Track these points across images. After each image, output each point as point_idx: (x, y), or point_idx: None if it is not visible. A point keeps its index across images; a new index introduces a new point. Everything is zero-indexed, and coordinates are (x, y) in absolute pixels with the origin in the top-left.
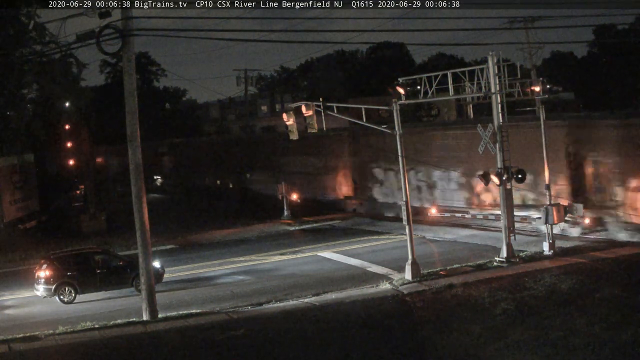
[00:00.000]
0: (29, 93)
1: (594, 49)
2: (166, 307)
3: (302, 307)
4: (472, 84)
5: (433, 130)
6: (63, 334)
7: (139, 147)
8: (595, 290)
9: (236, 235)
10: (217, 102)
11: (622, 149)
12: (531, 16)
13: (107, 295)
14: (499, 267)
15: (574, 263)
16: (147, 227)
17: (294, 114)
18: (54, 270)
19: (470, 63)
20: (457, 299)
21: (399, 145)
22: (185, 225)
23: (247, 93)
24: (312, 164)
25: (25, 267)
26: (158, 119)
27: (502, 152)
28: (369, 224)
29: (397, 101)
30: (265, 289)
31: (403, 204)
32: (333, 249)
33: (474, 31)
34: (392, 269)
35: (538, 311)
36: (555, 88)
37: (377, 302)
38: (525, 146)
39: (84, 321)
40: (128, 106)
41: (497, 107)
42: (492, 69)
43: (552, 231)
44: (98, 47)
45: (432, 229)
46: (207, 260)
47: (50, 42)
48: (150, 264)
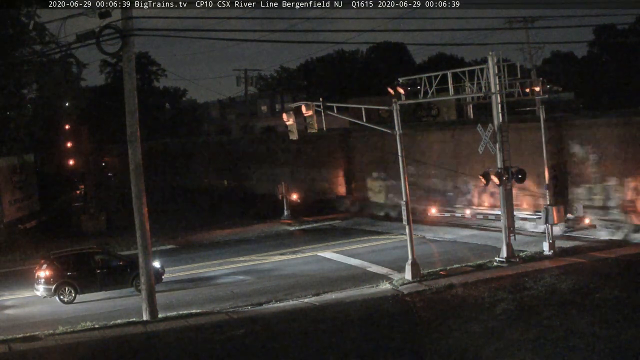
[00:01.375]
0: (29, 93)
1: (594, 49)
2: (166, 307)
3: (302, 307)
4: (472, 84)
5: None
6: (63, 334)
7: (139, 147)
8: (595, 290)
9: (236, 235)
10: (217, 102)
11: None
12: (531, 16)
13: (107, 295)
14: (499, 267)
15: (574, 263)
16: (147, 227)
17: (294, 114)
18: (54, 270)
19: (470, 63)
20: (457, 299)
21: (399, 145)
22: (185, 225)
23: (247, 93)
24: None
25: (25, 267)
26: (158, 119)
27: (502, 152)
28: (369, 224)
29: (397, 101)
30: (265, 289)
31: (403, 204)
32: (333, 249)
33: (474, 31)
34: (392, 269)
35: (538, 311)
36: (555, 88)
37: (377, 302)
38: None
39: (84, 321)
40: (128, 106)
41: (497, 107)
42: (492, 69)
43: (552, 231)
44: (98, 47)
45: (432, 229)
46: (207, 260)
47: (50, 42)
48: (150, 264)
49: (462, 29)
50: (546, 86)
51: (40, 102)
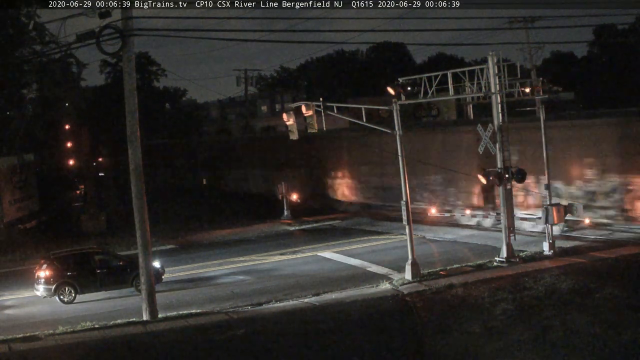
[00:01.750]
0: (29, 93)
1: (594, 49)
2: (166, 307)
3: (302, 307)
4: (472, 84)
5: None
6: (63, 334)
7: (139, 147)
8: (595, 290)
9: (236, 235)
10: (217, 102)
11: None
12: (531, 16)
13: (107, 295)
14: (499, 267)
15: (574, 263)
16: (147, 227)
17: (294, 114)
18: (54, 270)
19: (470, 63)
20: (457, 299)
21: (399, 145)
22: (185, 225)
23: (247, 93)
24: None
25: (25, 267)
26: (158, 119)
27: (502, 152)
28: (369, 224)
29: (397, 101)
30: (265, 289)
31: (403, 204)
32: (333, 249)
33: (474, 31)
34: (392, 269)
35: (538, 311)
36: (555, 88)
37: (377, 302)
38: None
39: (84, 321)
40: (128, 106)
41: (497, 107)
42: (492, 69)
43: (552, 231)
44: (98, 47)
45: (432, 229)
46: (207, 260)
47: (50, 42)
48: (150, 264)
49: (462, 29)
50: (546, 86)
51: (40, 102)
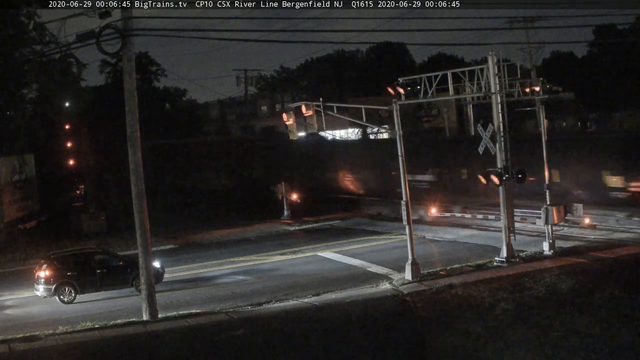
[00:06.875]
0: (29, 93)
1: (594, 49)
2: (166, 307)
3: (302, 307)
4: (472, 84)
5: None
6: (63, 334)
7: (139, 147)
8: (595, 290)
9: (236, 235)
10: (217, 102)
11: None
12: (531, 16)
13: (107, 295)
14: (499, 267)
15: (573, 263)
16: (147, 227)
17: (294, 114)
18: (54, 270)
19: (470, 63)
20: (457, 299)
21: (399, 145)
22: (185, 225)
23: (247, 93)
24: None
25: (25, 267)
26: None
27: (502, 152)
28: (369, 224)
29: (397, 101)
30: (265, 289)
31: (403, 204)
32: (333, 249)
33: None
34: (392, 269)
35: (538, 311)
36: (555, 88)
37: (377, 302)
38: None
39: (84, 321)
40: (128, 106)
41: (497, 107)
42: (492, 69)
43: (552, 231)
44: (98, 47)
45: (432, 229)
46: (207, 260)
47: (50, 42)
48: (150, 264)
49: (462, 29)
50: (546, 86)
51: (40, 102)
